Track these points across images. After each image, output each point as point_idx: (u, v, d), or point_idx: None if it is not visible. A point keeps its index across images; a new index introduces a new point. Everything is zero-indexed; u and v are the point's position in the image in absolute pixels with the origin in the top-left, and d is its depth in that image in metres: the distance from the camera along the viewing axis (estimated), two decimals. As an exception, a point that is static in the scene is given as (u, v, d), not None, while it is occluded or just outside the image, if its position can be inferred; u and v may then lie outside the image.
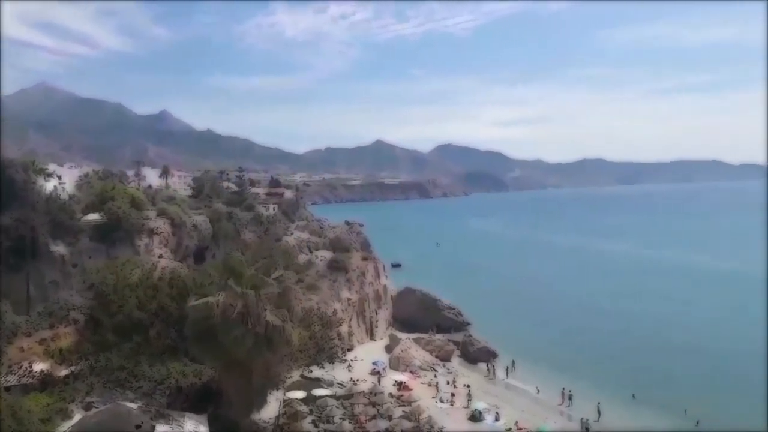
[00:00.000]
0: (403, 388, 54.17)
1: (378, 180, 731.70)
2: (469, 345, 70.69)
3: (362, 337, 71.27)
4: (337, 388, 52.13)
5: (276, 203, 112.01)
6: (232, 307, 28.66)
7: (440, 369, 62.90)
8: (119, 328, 34.88)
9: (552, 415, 51.10)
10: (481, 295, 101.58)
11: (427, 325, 78.95)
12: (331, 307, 60.62)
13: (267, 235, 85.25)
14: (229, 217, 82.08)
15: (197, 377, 33.79)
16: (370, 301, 75.17)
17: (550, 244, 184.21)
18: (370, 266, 78.65)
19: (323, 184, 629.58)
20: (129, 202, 63.83)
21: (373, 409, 47.41)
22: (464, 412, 49.86)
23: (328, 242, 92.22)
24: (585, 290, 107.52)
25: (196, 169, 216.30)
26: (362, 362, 61.29)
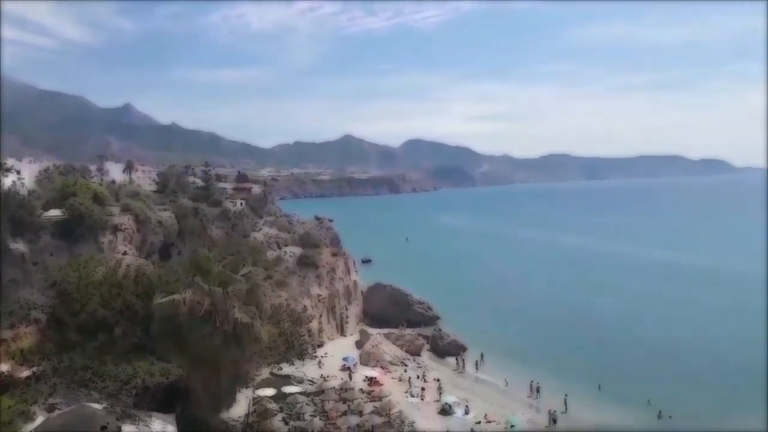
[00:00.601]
0: (373, 383, 54.25)
1: (347, 175, 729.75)
2: (439, 339, 71.22)
3: (332, 333, 71.10)
4: (307, 385, 51.90)
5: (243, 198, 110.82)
6: (199, 305, 28.19)
7: (410, 364, 63.19)
8: (83, 327, 33.98)
9: (520, 407, 51.92)
10: (451, 289, 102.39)
11: (397, 320, 79.19)
12: (300, 303, 60.25)
13: (234, 231, 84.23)
14: (195, 212, 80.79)
15: (164, 376, 33.21)
16: (341, 297, 75.00)
17: (517, 239, 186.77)
18: (340, 262, 78.41)
19: (292, 179, 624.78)
20: (91, 197, 62.13)
21: (344, 405, 47.39)
22: (434, 406, 50.26)
23: (297, 238, 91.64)
24: (551, 284, 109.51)
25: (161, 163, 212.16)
26: (333, 358, 61.16)
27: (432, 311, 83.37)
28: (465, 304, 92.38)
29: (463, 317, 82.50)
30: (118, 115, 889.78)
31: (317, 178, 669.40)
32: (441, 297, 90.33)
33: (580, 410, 50.39)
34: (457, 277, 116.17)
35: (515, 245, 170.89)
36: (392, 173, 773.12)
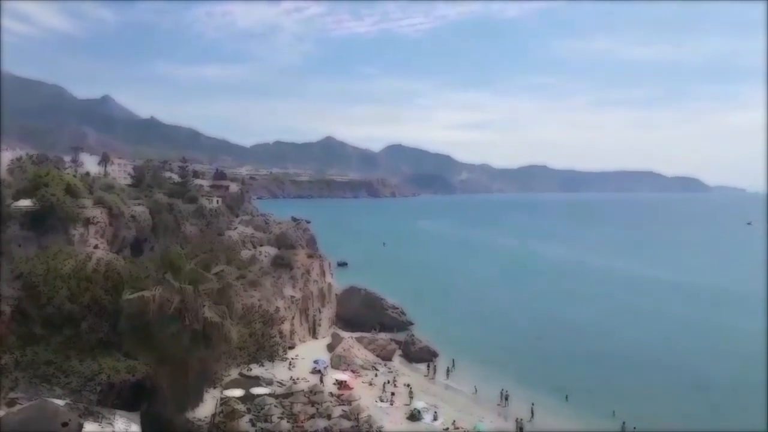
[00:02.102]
0: (343, 387, 54.11)
1: (327, 177, 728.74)
2: (411, 345, 71.31)
3: (304, 336, 70.74)
4: (276, 387, 51.57)
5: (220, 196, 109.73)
6: (168, 302, 27.91)
7: (381, 368, 63.16)
8: (48, 320, 33.33)
9: (489, 414, 52.20)
10: (425, 295, 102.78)
11: (371, 324, 79.20)
12: (273, 304, 59.86)
13: (209, 228, 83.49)
14: (170, 208, 79.87)
15: (130, 373, 32.69)
16: (314, 300, 74.67)
17: (494, 247, 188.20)
18: (316, 264, 78.11)
19: (270, 178, 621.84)
20: (64, 189, 60.94)
21: (313, 408, 47.17)
22: (404, 411, 50.25)
23: (273, 238, 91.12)
24: (525, 293, 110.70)
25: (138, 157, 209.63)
26: (303, 361, 60.83)
27: (405, 316, 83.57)
28: (439, 310, 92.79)
29: (437, 323, 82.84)
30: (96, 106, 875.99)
31: (296, 179, 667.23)
32: (415, 302, 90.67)
33: (547, 419, 50.90)
34: (432, 283, 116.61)
35: (491, 254, 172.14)
36: (372, 177, 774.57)
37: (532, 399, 53.59)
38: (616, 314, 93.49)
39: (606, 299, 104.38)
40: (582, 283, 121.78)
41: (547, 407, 52.93)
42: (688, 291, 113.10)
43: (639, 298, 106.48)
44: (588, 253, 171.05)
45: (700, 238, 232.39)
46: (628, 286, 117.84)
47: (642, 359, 69.26)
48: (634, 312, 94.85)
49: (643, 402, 55.04)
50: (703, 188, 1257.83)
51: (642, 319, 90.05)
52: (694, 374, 63.74)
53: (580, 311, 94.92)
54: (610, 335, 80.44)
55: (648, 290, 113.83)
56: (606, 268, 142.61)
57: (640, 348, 73.93)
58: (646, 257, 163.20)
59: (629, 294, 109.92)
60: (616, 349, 73.22)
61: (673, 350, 73.36)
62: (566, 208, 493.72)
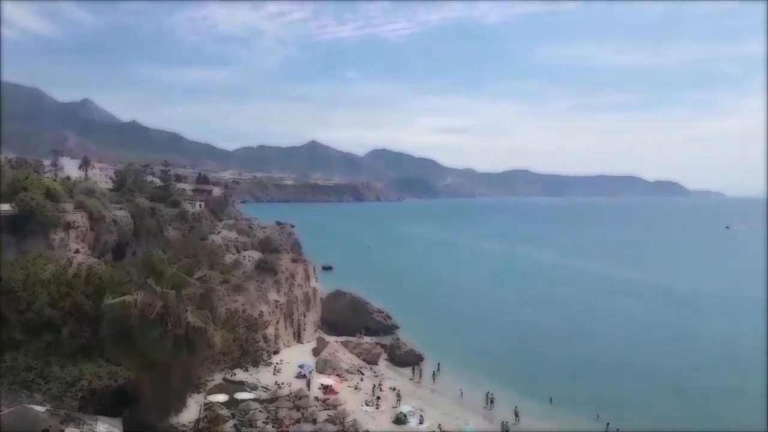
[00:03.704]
0: (328, 391, 53.85)
1: (311, 181, 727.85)
2: (397, 348, 71.24)
3: (289, 340, 70.33)
4: (261, 392, 51.11)
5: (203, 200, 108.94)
6: (150, 307, 27.55)
7: (367, 372, 62.97)
8: (28, 326, 32.86)
9: (475, 417, 52.24)
10: (410, 298, 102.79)
11: (356, 328, 79.03)
12: (257, 309, 59.43)
13: (192, 233, 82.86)
14: (152, 212, 79.12)
15: (112, 379, 32.32)
16: (299, 304, 74.29)
17: (478, 251, 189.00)
18: (300, 268, 77.77)
19: (254, 182, 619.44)
20: (44, 193, 60.24)
21: (298, 412, 46.83)
22: (389, 415, 50.12)
23: (257, 242, 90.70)
24: (510, 296, 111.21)
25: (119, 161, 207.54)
26: (288, 365, 60.40)
27: (391, 320, 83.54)
28: (424, 314, 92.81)
29: (422, 327, 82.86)
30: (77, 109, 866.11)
31: (280, 183, 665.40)
32: (401, 306, 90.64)
33: (532, 422, 51.07)
34: (418, 287, 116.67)
35: (476, 257, 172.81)
36: (357, 181, 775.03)
37: (518, 401, 53.78)
38: (600, 317, 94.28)
39: (590, 303, 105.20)
40: (566, 286, 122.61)
41: (532, 410, 53.10)
42: (669, 294, 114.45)
43: (622, 301, 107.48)
44: (572, 256, 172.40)
45: (681, 242, 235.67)
46: (611, 290, 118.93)
47: (626, 362, 69.75)
48: (618, 315, 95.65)
49: (627, 405, 55.48)
50: (684, 192, 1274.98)
51: (625, 322, 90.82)
52: (678, 377, 64.31)
53: (564, 315, 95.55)
54: (594, 338, 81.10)
55: (631, 293, 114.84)
56: (590, 271, 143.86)
57: (624, 351, 74.51)
58: (628, 260, 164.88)
59: (613, 297, 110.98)
60: (600, 352, 73.74)
61: (656, 353, 74.01)
62: (549, 212, 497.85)
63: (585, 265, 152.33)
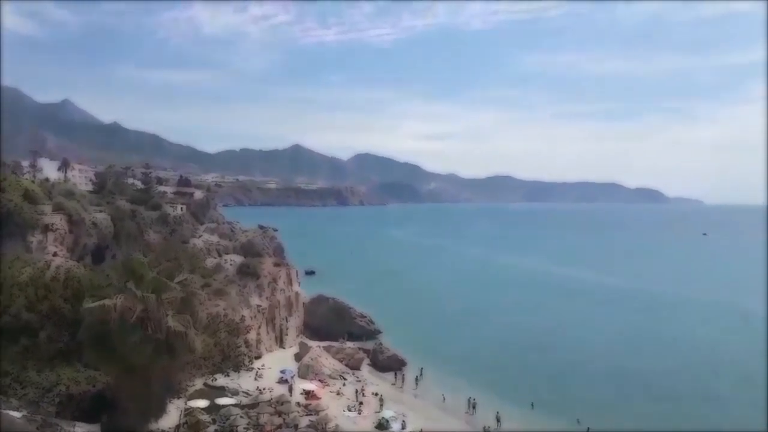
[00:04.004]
0: (310, 396, 53.57)
1: (295, 185, 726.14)
2: (380, 353, 71.12)
3: (271, 345, 69.85)
4: (242, 397, 50.71)
5: (184, 203, 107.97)
6: (130, 311, 27.21)
7: (349, 377, 62.76)
8: (5, 330, 32.23)
9: (457, 422, 52.35)
10: (394, 303, 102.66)
11: (338, 333, 78.67)
12: (239, 313, 59.00)
13: (173, 236, 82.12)
14: (133, 215, 78.28)
15: (90, 384, 31.85)
16: (281, 308, 73.84)
17: (462, 256, 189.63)
18: (283, 272, 77.34)
19: (236, 185, 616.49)
20: (22, 194, 59.29)
21: (279, 418, 46.56)
22: (371, 420, 49.99)
23: (239, 246, 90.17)
24: (493, 302, 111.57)
25: (100, 163, 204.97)
26: (270, 371, 60.01)
27: (374, 325, 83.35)
28: (408, 319, 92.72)
29: (405, 332, 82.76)
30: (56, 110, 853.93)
31: (263, 187, 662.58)
32: (384, 311, 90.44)
33: (513, 426, 51.27)
34: (401, 292, 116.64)
35: (460, 263, 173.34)
36: (341, 186, 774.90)
37: (499, 407, 53.92)
38: (581, 323, 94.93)
39: (571, 308, 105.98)
40: (548, 292, 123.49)
41: (514, 415, 53.27)
42: (647, 299, 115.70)
43: (602, 306, 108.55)
44: (553, 262, 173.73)
45: (659, 248, 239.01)
46: (591, 295, 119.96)
47: (606, 367, 70.32)
48: (598, 320, 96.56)
49: (606, 409, 55.76)
50: (663, 200, 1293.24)
51: (605, 328, 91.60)
52: (656, 381, 64.77)
53: (545, 320, 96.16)
54: (575, 343, 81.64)
55: (610, 299, 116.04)
56: (570, 277, 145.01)
57: (604, 356, 75.17)
58: (607, 266, 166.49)
59: (592, 302, 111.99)
60: (580, 357, 74.27)
61: (635, 358, 74.66)
62: (532, 218, 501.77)
63: (566, 271, 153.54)
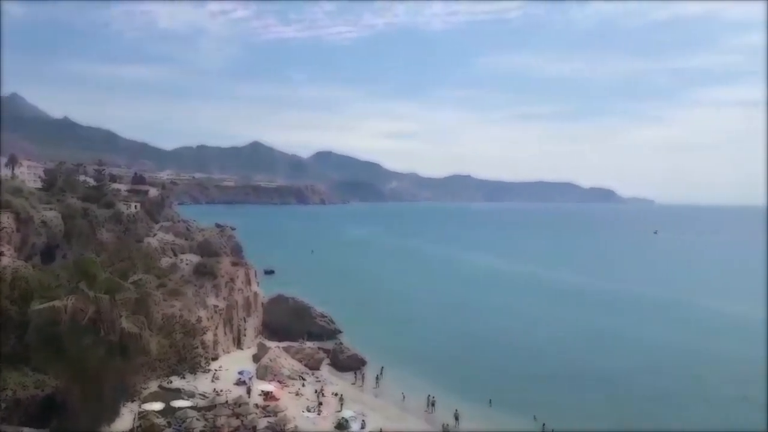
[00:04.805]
0: (269, 398, 53.06)
1: (254, 183, 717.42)
2: (340, 353, 70.98)
3: (228, 346, 68.85)
4: (198, 399, 49.86)
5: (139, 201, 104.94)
6: (82, 313, 26.49)
7: (309, 378, 62.39)
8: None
9: (416, 420, 52.70)
10: (354, 302, 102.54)
11: (298, 333, 78.09)
12: (195, 314, 57.94)
13: (127, 235, 79.95)
14: (85, 213, 75.79)
15: (39, 388, 30.86)
16: (239, 309, 72.85)
17: (422, 255, 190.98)
18: (241, 272, 76.31)
19: (193, 183, 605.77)
20: (-35, 192, 56.71)
21: (237, 420, 45.98)
22: (331, 420, 49.86)
23: (195, 245, 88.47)
24: (452, 300, 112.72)
25: (50, 159, 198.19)
26: (228, 372, 59.15)
27: (334, 324, 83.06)
28: (368, 318, 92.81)
29: (365, 331, 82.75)
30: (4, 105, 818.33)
31: (221, 184, 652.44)
32: (344, 310, 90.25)
33: (472, 424, 51.91)
34: (362, 291, 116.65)
35: (420, 262, 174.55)
36: (301, 184, 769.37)
37: (458, 404, 54.55)
38: (536, 321, 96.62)
39: (527, 306, 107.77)
40: (505, 290, 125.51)
41: (472, 412, 53.91)
42: (599, 297, 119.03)
43: (557, 304, 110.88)
44: (513, 261, 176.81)
45: (612, 246, 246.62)
46: (547, 293, 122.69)
47: (560, 364, 71.89)
48: (553, 318, 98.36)
49: (561, 406, 56.76)
50: (617, 199, 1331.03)
51: (560, 326, 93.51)
52: (608, 379, 66.28)
53: (502, 318, 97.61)
54: (531, 341, 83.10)
55: (571, 297, 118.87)
56: (529, 275, 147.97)
57: (558, 354, 76.78)
58: (561, 264, 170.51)
59: (548, 300, 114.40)
60: (535, 355, 75.78)
61: (587, 355, 76.30)
62: (491, 217, 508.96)
63: (525, 270, 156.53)
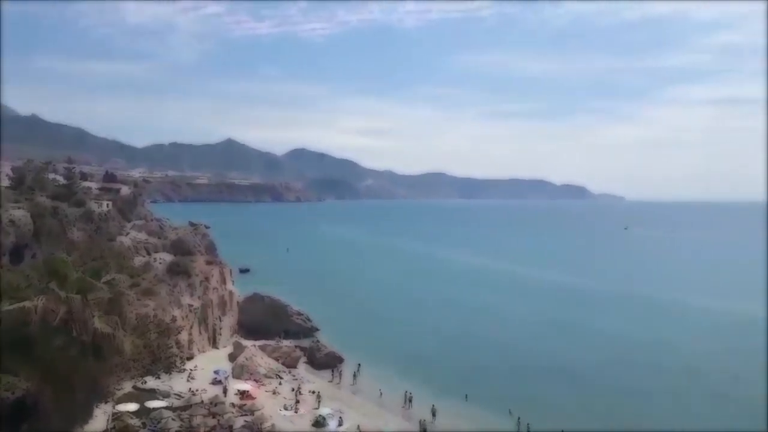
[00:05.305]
0: (246, 397, 52.69)
1: (228, 180, 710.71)
2: (316, 351, 70.78)
3: (204, 346, 68.15)
4: (174, 399, 49.26)
5: (110, 200, 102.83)
6: (53, 313, 25.97)
7: (286, 376, 62.08)
8: None
9: (394, 417, 52.85)
10: (331, 300, 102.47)
11: (275, 331, 77.65)
12: (169, 313, 57.26)
13: (98, 234, 78.33)
14: (55, 212, 74.01)
15: (9, 391, 30.06)
16: (214, 308, 72.15)
17: (398, 252, 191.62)
18: (215, 271, 75.56)
19: (166, 181, 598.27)
20: (-72, 190, 54.98)
21: (213, 419, 45.58)
22: (308, 418, 49.72)
23: (168, 244, 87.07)
24: (428, 296, 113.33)
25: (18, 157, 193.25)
26: (203, 372, 58.54)
27: (311, 322, 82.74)
28: (345, 315, 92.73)
29: (342, 328, 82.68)
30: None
31: (194, 182, 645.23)
32: (321, 308, 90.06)
33: (448, 419, 52.22)
34: (338, 289, 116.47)
35: (396, 259, 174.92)
36: (276, 181, 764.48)
37: (435, 399, 54.86)
38: (511, 317, 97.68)
39: (501, 302, 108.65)
40: (482, 287, 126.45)
41: (449, 408, 54.23)
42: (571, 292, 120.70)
43: (536, 300, 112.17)
44: (487, 257, 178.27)
45: (583, 242, 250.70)
46: (526, 289, 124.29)
47: (533, 359, 72.75)
48: (526, 314, 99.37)
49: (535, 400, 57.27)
50: (589, 196, 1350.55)
51: (533, 322, 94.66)
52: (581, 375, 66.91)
53: (481, 314, 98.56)
54: (505, 336, 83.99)
55: (545, 293, 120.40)
56: (503, 271, 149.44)
57: (531, 349, 77.53)
58: (542, 261, 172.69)
59: (527, 296, 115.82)
60: (510, 350, 76.57)
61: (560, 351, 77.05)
62: (465, 214, 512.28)
63: (499, 266, 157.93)
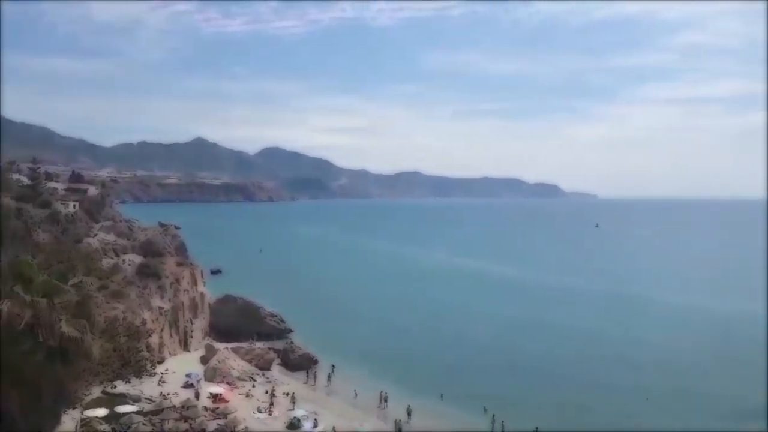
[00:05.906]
0: (218, 400, 51.90)
1: (198, 180, 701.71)
2: (290, 352, 70.20)
3: (175, 349, 66.95)
4: (144, 404, 48.29)
5: (77, 200, 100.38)
6: (18, 317, 25.08)
7: (259, 378, 61.42)
8: None
9: (369, 417, 52.69)
10: (304, 301, 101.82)
11: (248, 333, 76.77)
12: (139, 316, 56.08)
13: (65, 235, 76.28)
14: (19, 214, 71.83)
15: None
16: (185, 310, 70.96)
17: (371, 251, 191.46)
18: (186, 272, 74.31)
19: (134, 181, 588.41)
20: None
21: (185, 423, 44.79)
22: (282, 420, 49.23)
23: (138, 245, 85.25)
24: (402, 296, 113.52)
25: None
26: (175, 375, 57.52)
27: (284, 324, 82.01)
28: (318, 316, 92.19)
29: (316, 329, 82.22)
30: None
31: (163, 182, 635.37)
32: (294, 309, 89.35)
33: (424, 419, 52.26)
34: (312, 289, 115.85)
35: (370, 258, 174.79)
36: (247, 181, 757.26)
37: (411, 399, 54.90)
38: (484, 316, 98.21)
39: (475, 301, 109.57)
40: (455, 286, 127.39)
41: (424, 407, 54.34)
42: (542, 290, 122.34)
43: (508, 298, 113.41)
44: (460, 256, 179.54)
45: (555, 240, 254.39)
46: (498, 287, 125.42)
47: (507, 357, 73.40)
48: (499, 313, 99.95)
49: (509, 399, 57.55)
50: (561, 194, 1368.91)
51: (506, 320, 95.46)
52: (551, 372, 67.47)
53: (451, 314, 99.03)
54: (479, 336, 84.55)
55: (516, 291, 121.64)
56: (477, 269, 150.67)
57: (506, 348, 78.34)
58: (513, 259, 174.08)
59: (493, 295, 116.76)
60: (484, 349, 77.15)
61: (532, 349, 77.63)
62: (439, 213, 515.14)
63: (472, 265, 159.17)
